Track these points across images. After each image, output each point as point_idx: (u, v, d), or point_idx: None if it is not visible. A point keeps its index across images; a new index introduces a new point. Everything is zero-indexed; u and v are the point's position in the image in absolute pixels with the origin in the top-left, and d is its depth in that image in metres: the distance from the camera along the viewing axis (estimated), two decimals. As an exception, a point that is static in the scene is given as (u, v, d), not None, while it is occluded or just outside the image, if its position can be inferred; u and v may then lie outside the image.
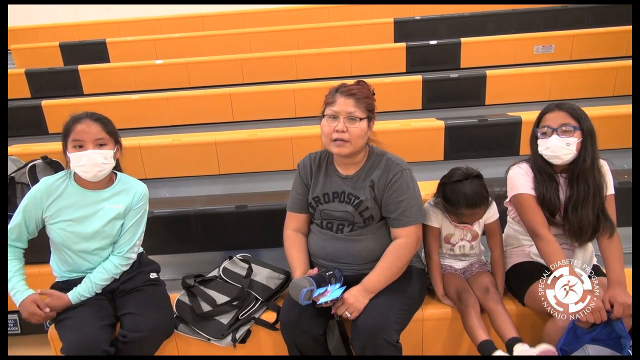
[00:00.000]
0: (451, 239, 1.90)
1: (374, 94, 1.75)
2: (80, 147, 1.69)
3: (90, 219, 1.76)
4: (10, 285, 1.71)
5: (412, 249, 1.72)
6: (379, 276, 1.67)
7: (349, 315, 1.62)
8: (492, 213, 1.87)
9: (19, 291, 1.69)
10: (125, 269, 1.82)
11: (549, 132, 1.73)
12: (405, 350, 1.65)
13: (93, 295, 1.76)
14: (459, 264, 1.96)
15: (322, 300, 1.59)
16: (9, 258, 1.73)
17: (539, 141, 1.77)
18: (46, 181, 1.77)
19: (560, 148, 1.71)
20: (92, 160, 1.69)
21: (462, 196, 1.73)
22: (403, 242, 1.70)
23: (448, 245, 1.93)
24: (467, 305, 1.77)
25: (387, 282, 1.68)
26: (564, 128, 1.71)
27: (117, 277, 1.81)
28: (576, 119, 1.72)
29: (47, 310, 1.66)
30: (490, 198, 1.81)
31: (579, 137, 1.71)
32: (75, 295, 1.73)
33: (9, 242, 1.74)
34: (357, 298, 1.63)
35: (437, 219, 1.87)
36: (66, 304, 1.71)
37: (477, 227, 1.89)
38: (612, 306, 1.56)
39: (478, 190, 1.74)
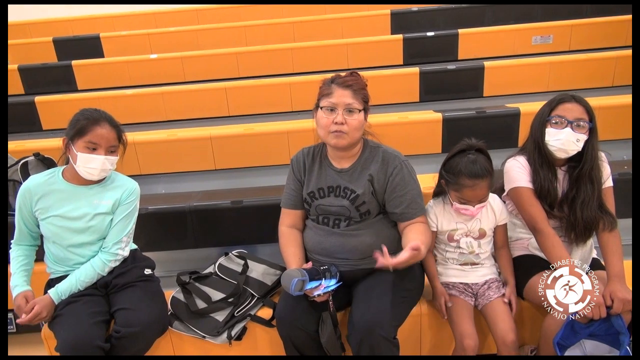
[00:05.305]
0: (455, 235, 1.80)
1: (366, 85, 1.72)
2: (94, 149, 1.69)
3: (79, 214, 1.75)
4: (12, 281, 1.74)
5: (430, 232, 1.74)
6: (416, 234, 1.65)
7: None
8: (504, 215, 1.81)
9: (16, 285, 1.73)
10: (113, 265, 1.80)
11: (563, 123, 1.68)
12: (402, 346, 1.63)
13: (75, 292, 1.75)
14: (470, 277, 1.81)
15: (316, 293, 1.57)
16: (15, 255, 1.78)
17: (550, 129, 1.71)
18: (34, 179, 1.77)
19: (570, 142, 1.67)
20: (103, 166, 1.71)
21: (463, 165, 1.66)
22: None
23: (453, 244, 1.81)
24: (464, 349, 1.68)
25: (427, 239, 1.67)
26: (580, 123, 1.67)
27: (105, 274, 1.79)
28: (589, 116, 1.69)
29: (35, 307, 1.66)
30: (493, 175, 1.70)
31: (587, 135, 1.69)
32: (56, 294, 1.72)
33: (15, 242, 1.79)
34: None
35: (434, 217, 1.80)
36: (50, 304, 1.70)
37: (486, 225, 1.78)
38: (612, 301, 1.55)
39: (481, 160, 1.66)
